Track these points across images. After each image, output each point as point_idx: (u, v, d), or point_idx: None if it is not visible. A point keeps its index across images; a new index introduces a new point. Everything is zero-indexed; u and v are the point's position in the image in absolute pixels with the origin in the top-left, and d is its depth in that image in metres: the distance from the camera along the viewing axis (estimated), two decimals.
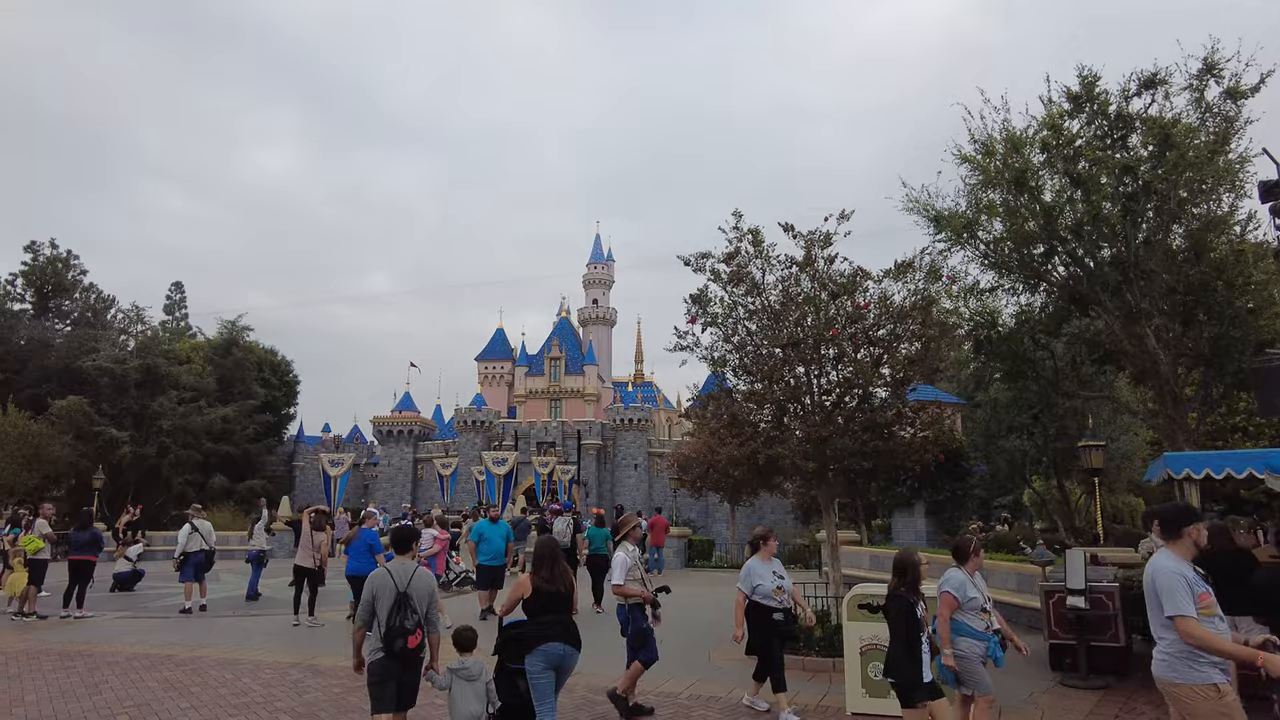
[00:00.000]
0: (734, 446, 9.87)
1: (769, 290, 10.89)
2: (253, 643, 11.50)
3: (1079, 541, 22.24)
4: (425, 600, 5.71)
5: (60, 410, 37.62)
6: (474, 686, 5.70)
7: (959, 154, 15.59)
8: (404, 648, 5.47)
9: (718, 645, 11.63)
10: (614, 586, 7.56)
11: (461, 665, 5.72)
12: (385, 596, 5.57)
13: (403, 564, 5.84)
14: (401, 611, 5.53)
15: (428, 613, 5.72)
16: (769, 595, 7.65)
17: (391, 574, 5.66)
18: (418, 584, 5.70)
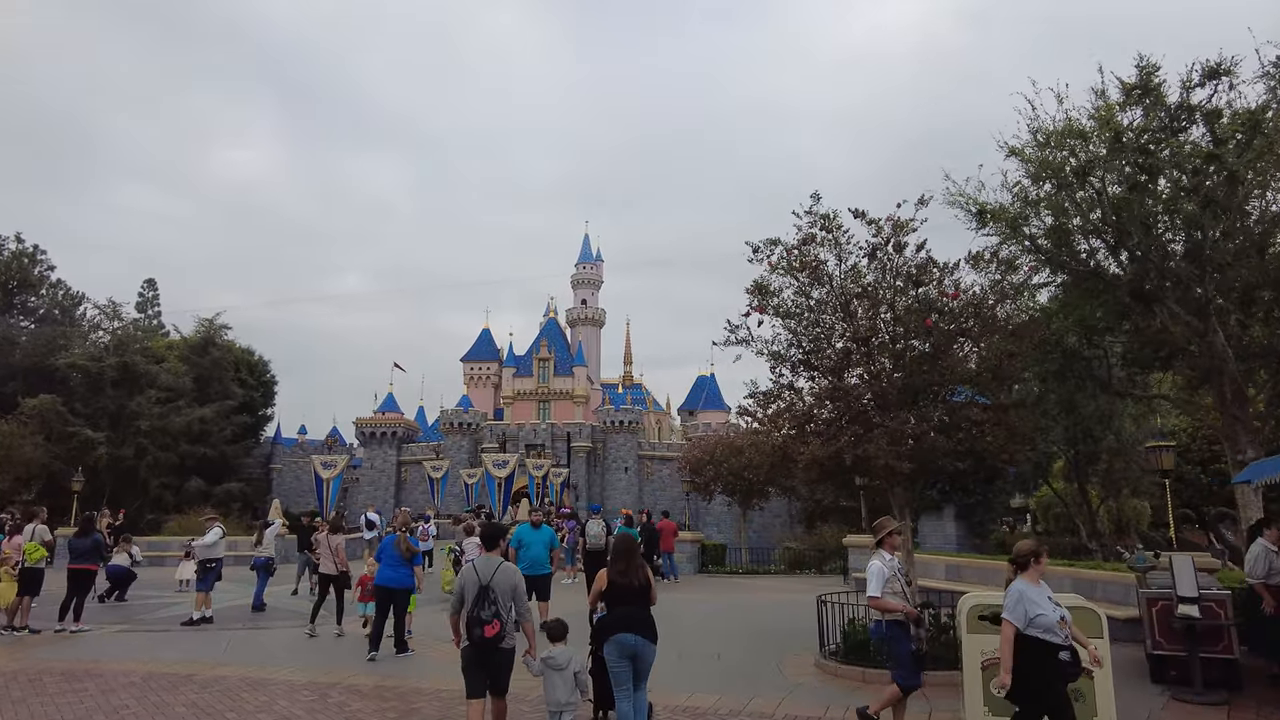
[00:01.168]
0: (817, 446, 9.16)
1: (844, 279, 10.24)
2: (277, 660, 10.54)
3: (1100, 545, 21.95)
4: (507, 594, 6.08)
5: (31, 410, 35.88)
6: (563, 675, 6.13)
7: (1006, 147, 15.09)
8: (481, 636, 5.92)
9: (781, 655, 10.97)
10: (870, 600, 6.64)
11: (551, 655, 6.17)
12: (470, 589, 6.06)
13: (488, 559, 6.26)
14: (481, 603, 5.97)
15: (514, 605, 6.12)
16: (1052, 629, 5.66)
17: (476, 569, 6.15)
18: (499, 578, 6.10)
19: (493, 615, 5.97)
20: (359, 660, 10.32)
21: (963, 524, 19.75)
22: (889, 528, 6.99)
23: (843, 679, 9.43)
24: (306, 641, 11.95)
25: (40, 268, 54.63)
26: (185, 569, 18.46)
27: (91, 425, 38.03)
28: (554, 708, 6.17)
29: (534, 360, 59.39)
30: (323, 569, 12.66)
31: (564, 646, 6.32)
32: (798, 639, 12.18)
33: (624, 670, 6.17)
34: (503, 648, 6.08)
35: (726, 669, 10.04)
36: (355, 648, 11.33)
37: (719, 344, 11.42)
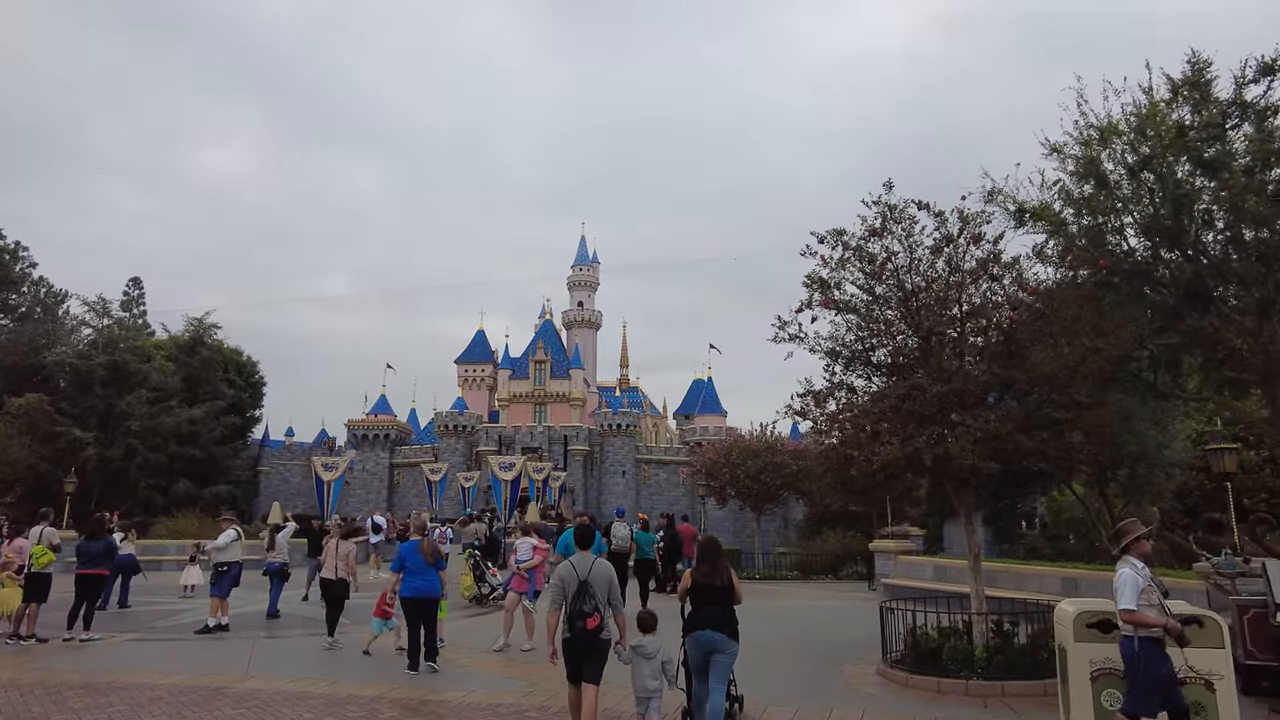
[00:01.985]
0: (895, 447, 8.69)
1: (911, 272, 9.82)
2: (309, 671, 9.92)
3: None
4: (604, 588, 6.51)
5: (18, 409, 34.74)
6: (650, 664, 6.50)
7: (1048, 144, 14.77)
8: (583, 628, 6.34)
9: (838, 664, 10.54)
10: (1123, 613, 5.88)
11: (640, 644, 6.57)
12: (570, 584, 6.47)
13: (584, 557, 6.69)
14: (581, 597, 6.38)
15: (609, 597, 6.53)
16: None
17: (574, 566, 6.56)
18: (596, 574, 6.52)
19: (593, 608, 6.39)
20: (395, 672, 9.73)
21: (991, 529, 19.35)
22: (1135, 532, 6.38)
23: (916, 689, 9.00)
24: (334, 652, 11.33)
25: (21, 265, 53.35)
26: (190, 574, 17.74)
27: (80, 425, 36.91)
28: (642, 694, 6.55)
29: (530, 362, 58.66)
30: (324, 573, 12.06)
31: (653, 637, 6.67)
32: (850, 647, 11.77)
33: (702, 665, 6.69)
34: (602, 639, 6.48)
35: (789, 679, 9.58)
36: (386, 658, 10.74)
37: (771, 340, 11.01)
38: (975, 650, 9.23)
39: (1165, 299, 14.02)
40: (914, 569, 18.11)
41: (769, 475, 22.53)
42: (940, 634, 9.94)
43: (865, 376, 10.57)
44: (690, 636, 6.72)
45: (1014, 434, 8.65)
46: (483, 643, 11.77)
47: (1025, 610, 10.25)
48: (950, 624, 10.03)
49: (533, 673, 9.78)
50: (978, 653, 9.18)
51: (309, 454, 70.27)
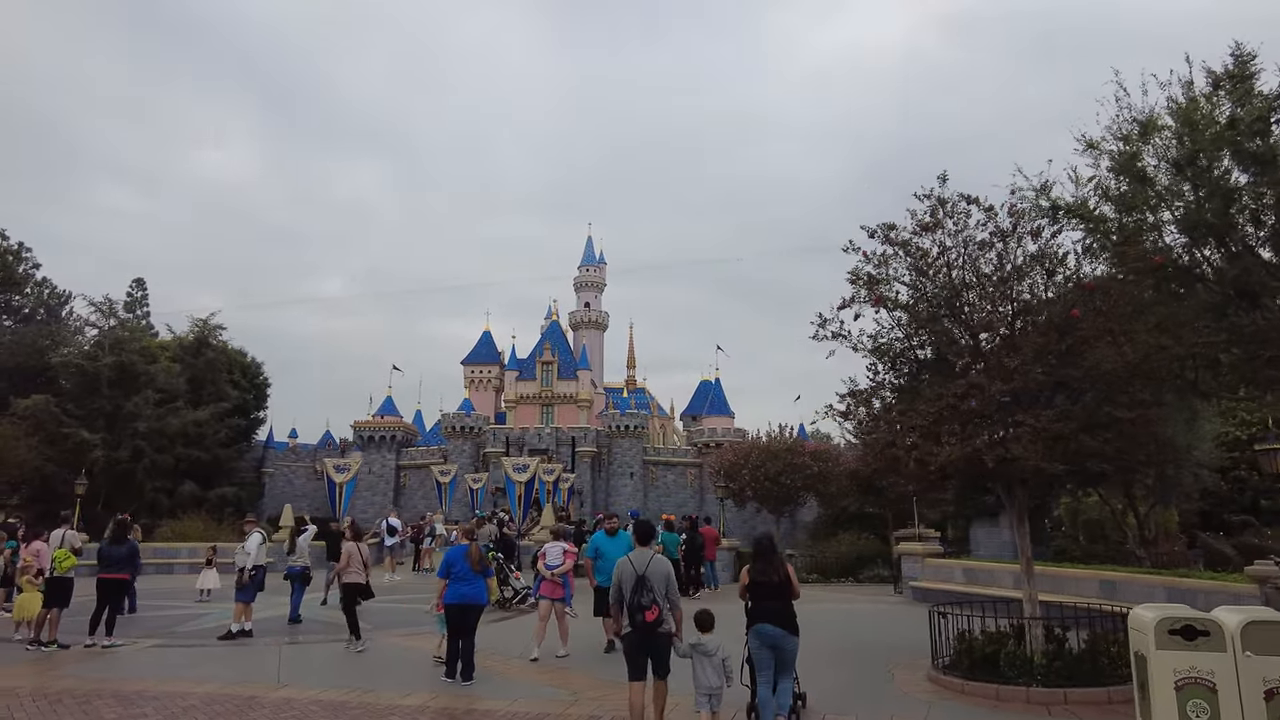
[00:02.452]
0: (956, 447, 8.40)
1: (962, 268, 9.55)
2: (342, 679, 9.62)
3: (1149, 554, 21.38)
4: (661, 582, 6.71)
5: (25, 410, 34.42)
6: (711, 661, 6.62)
7: (1084, 139, 14.50)
8: (642, 621, 6.54)
9: (885, 669, 10.30)
10: None
11: (700, 642, 6.68)
12: (628, 580, 6.70)
13: (642, 553, 6.94)
14: (640, 591, 6.59)
15: (667, 592, 6.71)
16: None
17: (632, 561, 6.80)
18: (653, 569, 6.73)
19: (651, 601, 6.58)
20: (431, 679, 9.43)
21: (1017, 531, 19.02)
22: None
23: (972, 696, 8.72)
24: (365, 659, 11.04)
25: (25, 266, 53.10)
26: (207, 577, 17.42)
27: (86, 426, 36.58)
28: (704, 691, 6.66)
29: (537, 363, 58.30)
30: (351, 579, 11.80)
31: (711, 635, 6.77)
32: (891, 650, 11.52)
33: (765, 658, 6.94)
34: (661, 631, 6.65)
35: (839, 684, 9.31)
36: (418, 666, 10.48)
37: (813, 338, 10.75)
38: (1034, 656, 8.95)
39: (1208, 296, 13.74)
40: (943, 572, 17.82)
41: (788, 477, 22.25)
42: (988, 639, 9.69)
43: (912, 375, 10.30)
44: (753, 631, 7.03)
45: (1077, 434, 8.36)
46: (513, 649, 11.48)
47: (1075, 615, 10.01)
48: (999, 629, 9.77)
49: (572, 680, 9.50)
50: (1036, 659, 8.90)
51: (313, 456, 70.03)
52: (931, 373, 10.12)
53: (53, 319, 51.98)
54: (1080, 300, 8.89)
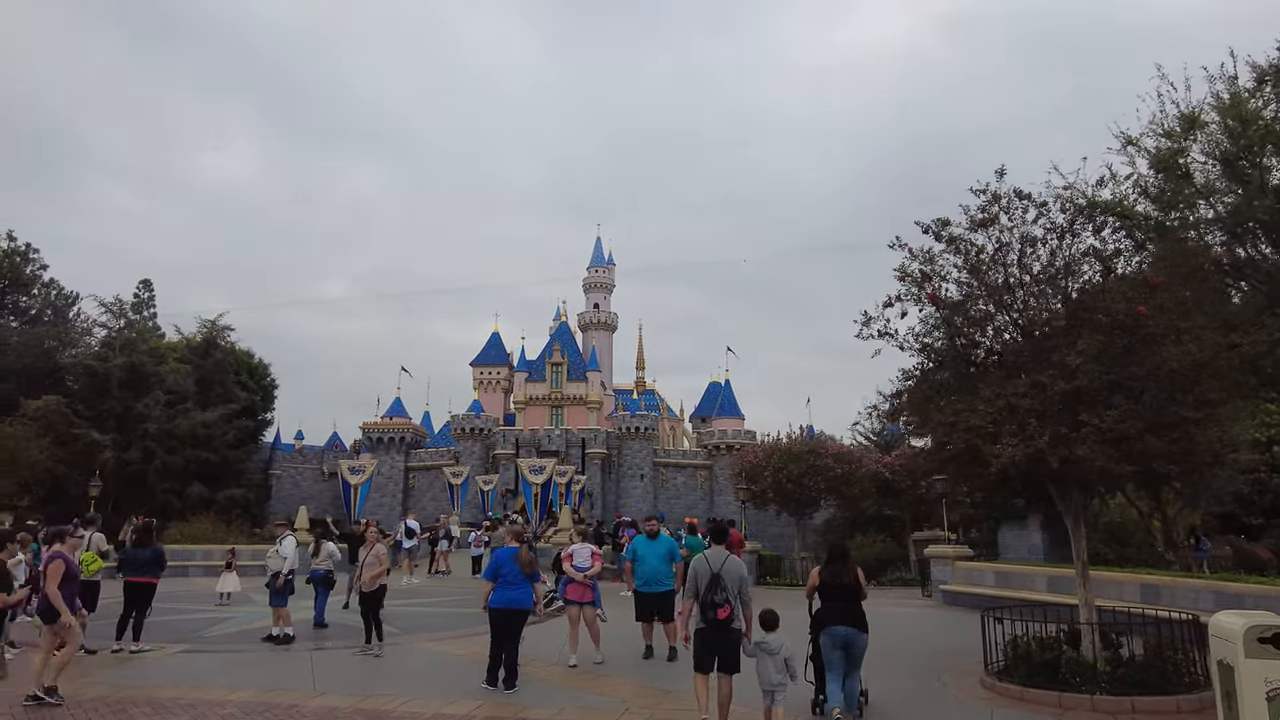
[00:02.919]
0: (1021, 447, 8.13)
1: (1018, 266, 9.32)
2: (381, 686, 9.38)
3: (1178, 558, 21.02)
4: (735, 581, 6.96)
5: (36, 411, 34.24)
6: (774, 659, 6.81)
7: (1123, 137, 14.25)
8: (715, 618, 6.82)
9: (935, 675, 10.09)
10: None
11: (764, 640, 6.89)
12: (703, 577, 6.95)
13: (717, 552, 7.17)
14: (713, 589, 6.84)
15: (740, 591, 6.97)
16: None
17: (708, 560, 7.05)
18: (728, 568, 7.00)
19: (724, 599, 6.84)
20: (471, 687, 9.15)
21: (1049, 534, 18.74)
22: None
23: (1033, 704, 8.46)
24: (397, 664, 10.79)
25: (32, 267, 53.05)
26: (227, 580, 17.19)
27: (97, 427, 36.39)
28: (767, 687, 6.86)
29: (546, 365, 58.02)
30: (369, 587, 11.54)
31: (776, 634, 6.97)
32: (936, 655, 11.30)
33: (836, 658, 7.26)
34: (733, 628, 6.91)
35: (894, 690, 9.04)
36: (455, 672, 10.24)
37: (858, 337, 10.51)
38: (1097, 663, 8.68)
39: (1253, 294, 13.48)
40: (973, 575, 17.52)
41: (810, 479, 21.97)
42: (1041, 645, 9.43)
43: (962, 375, 10.05)
44: (826, 632, 7.34)
45: (1143, 434, 8.10)
46: (546, 653, 11.19)
47: (1128, 620, 9.74)
48: (1049, 634, 9.52)
49: (617, 687, 9.24)
50: (1100, 665, 8.63)
51: (321, 457, 69.89)
52: (983, 372, 9.88)
53: (60, 320, 51.87)
54: (1144, 297, 8.64)
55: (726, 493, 54.56)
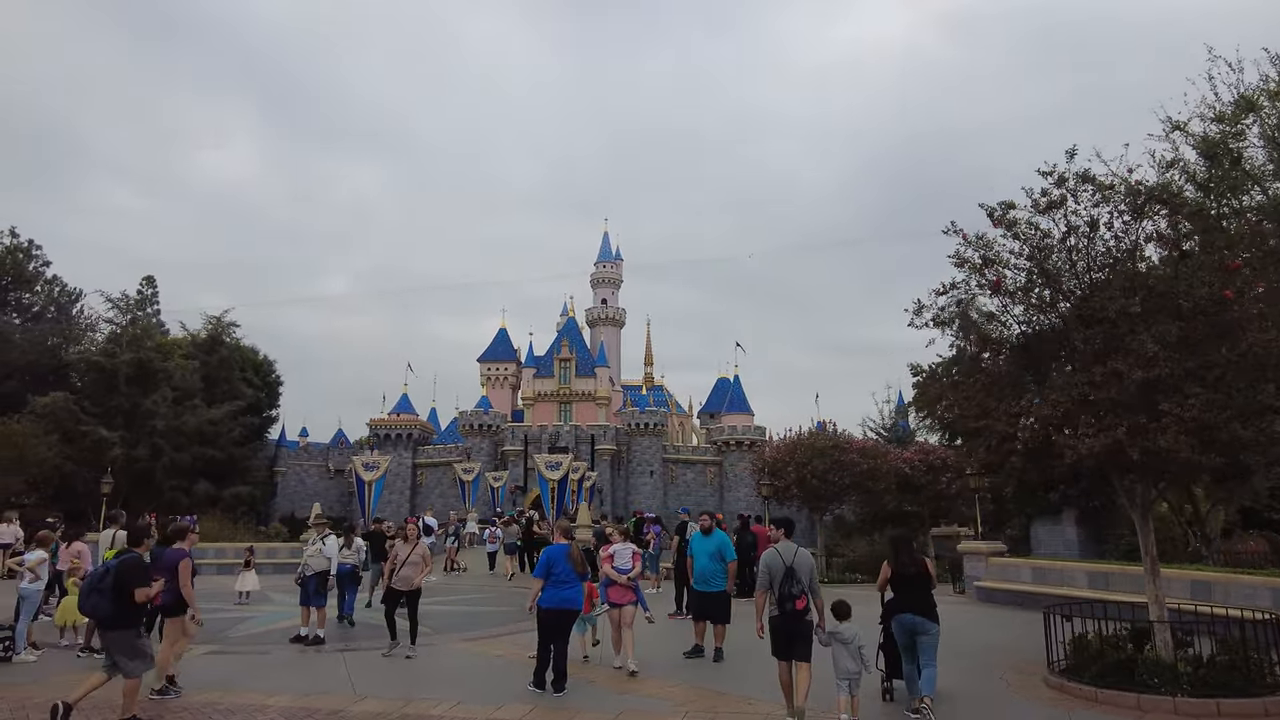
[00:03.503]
0: (1100, 438, 7.74)
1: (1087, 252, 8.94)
2: (424, 688, 9.00)
3: (1211, 551, 20.66)
4: (807, 574, 7.24)
5: (43, 408, 33.84)
6: (849, 648, 7.05)
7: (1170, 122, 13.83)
8: (792, 609, 7.09)
9: (994, 674, 9.67)
10: None
11: (838, 630, 7.15)
12: (776, 570, 7.22)
13: (788, 545, 7.45)
14: (788, 581, 7.13)
15: (810, 583, 7.24)
16: None
17: (780, 553, 7.32)
18: (800, 561, 7.28)
19: (800, 591, 7.14)
20: (516, 690, 8.76)
21: (1084, 529, 18.37)
22: None
23: (1109, 706, 8.10)
24: (437, 666, 10.43)
25: (35, 264, 52.61)
26: (246, 579, 16.82)
27: (105, 425, 36.00)
28: (842, 675, 7.08)
29: (555, 361, 57.57)
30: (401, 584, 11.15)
31: (849, 624, 7.23)
32: (986, 652, 11.00)
33: (909, 644, 7.65)
34: (807, 619, 7.18)
35: (953, 689, 8.68)
36: (497, 673, 9.87)
37: (912, 326, 10.15)
38: (1177, 664, 8.30)
39: None
40: (1008, 571, 17.15)
41: (835, 474, 21.58)
42: (1106, 644, 9.06)
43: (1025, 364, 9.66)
44: (895, 620, 7.73)
45: (1229, 423, 7.71)
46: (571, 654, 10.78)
47: (1195, 619, 9.39)
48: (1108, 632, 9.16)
49: (669, 690, 8.86)
50: (1180, 666, 8.25)
51: (326, 455, 69.56)
52: (1048, 361, 9.50)
53: (63, 317, 51.44)
54: (1224, 281, 8.24)
55: (737, 489, 54.25)
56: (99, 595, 7.15)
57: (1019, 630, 13.62)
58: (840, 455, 22.07)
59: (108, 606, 7.14)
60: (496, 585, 21.92)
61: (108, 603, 7.13)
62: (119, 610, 7.15)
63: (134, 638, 7.28)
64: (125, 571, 7.22)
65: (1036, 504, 18.90)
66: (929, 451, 27.48)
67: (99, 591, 7.16)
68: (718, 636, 10.42)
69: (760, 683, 8.99)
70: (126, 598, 7.13)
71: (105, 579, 7.19)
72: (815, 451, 22.14)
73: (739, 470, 54.73)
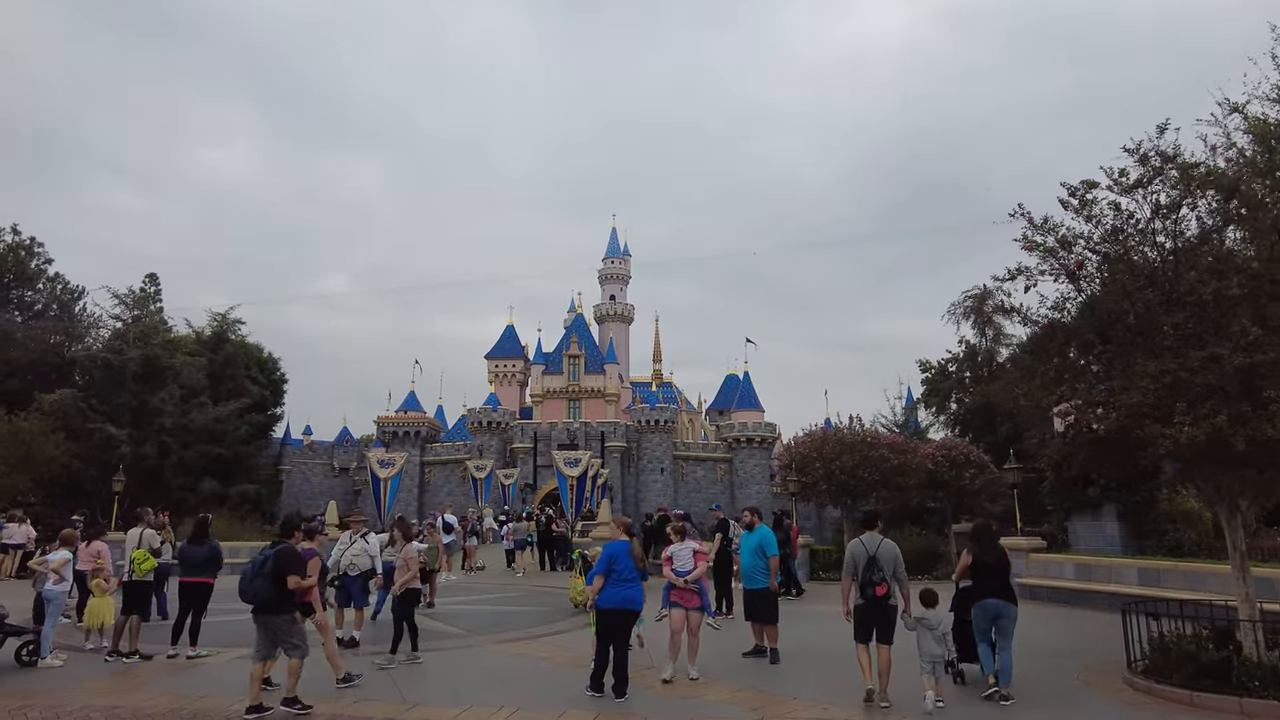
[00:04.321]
0: (1202, 427, 7.27)
1: (1172, 234, 8.49)
2: (473, 694, 8.52)
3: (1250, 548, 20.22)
4: (890, 562, 7.67)
5: (51, 406, 33.31)
6: (934, 634, 7.49)
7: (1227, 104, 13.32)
8: (874, 595, 7.56)
9: (1065, 671, 9.33)
10: None
11: (924, 616, 7.62)
12: (860, 558, 7.71)
13: (871, 536, 7.90)
14: (871, 569, 7.61)
15: (895, 571, 7.66)
16: None
17: (864, 543, 7.82)
18: (883, 551, 7.74)
19: (881, 578, 7.61)
20: (573, 695, 8.29)
21: (1125, 524, 17.92)
22: None
23: (1206, 710, 7.69)
24: (479, 670, 9.96)
25: (38, 261, 52.12)
26: None
27: (112, 422, 35.47)
28: (927, 658, 7.50)
29: (564, 357, 57.05)
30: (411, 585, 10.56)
31: (935, 611, 7.73)
32: (1053, 652, 10.55)
33: (988, 628, 8.06)
34: (890, 604, 7.65)
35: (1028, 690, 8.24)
36: (548, 678, 9.40)
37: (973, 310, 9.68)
38: (1250, 661, 7.88)
39: None
40: (1050, 568, 16.72)
41: (865, 470, 21.12)
42: (1186, 643, 8.63)
43: (1105, 350, 9.20)
44: (979, 605, 8.09)
45: None
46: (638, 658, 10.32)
47: None
48: (1186, 632, 8.74)
49: (737, 696, 8.39)
50: (1254, 659, 7.83)
51: (331, 453, 69.06)
52: (1131, 346, 9.04)
53: (65, 315, 50.96)
54: None
55: (747, 486, 53.81)
56: (262, 580, 7.51)
57: (1071, 627, 13.23)
58: (869, 451, 21.59)
59: (269, 591, 7.50)
60: (516, 583, 21.51)
61: (269, 588, 7.49)
62: (278, 596, 7.54)
63: (290, 623, 7.69)
64: (282, 559, 7.62)
65: (1074, 499, 18.44)
66: (950, 446, 27.01)
67: (261, 577, 7.52)
68: (770, 637, 9.98)
69: (826, 686, 8.58)
70: (283, 584, 7.53)
71: (265, 566, 7.55)
72: (844, 447, 21.67)
73: (749, 468, 54.27)
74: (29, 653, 9.78)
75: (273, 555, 7.63)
